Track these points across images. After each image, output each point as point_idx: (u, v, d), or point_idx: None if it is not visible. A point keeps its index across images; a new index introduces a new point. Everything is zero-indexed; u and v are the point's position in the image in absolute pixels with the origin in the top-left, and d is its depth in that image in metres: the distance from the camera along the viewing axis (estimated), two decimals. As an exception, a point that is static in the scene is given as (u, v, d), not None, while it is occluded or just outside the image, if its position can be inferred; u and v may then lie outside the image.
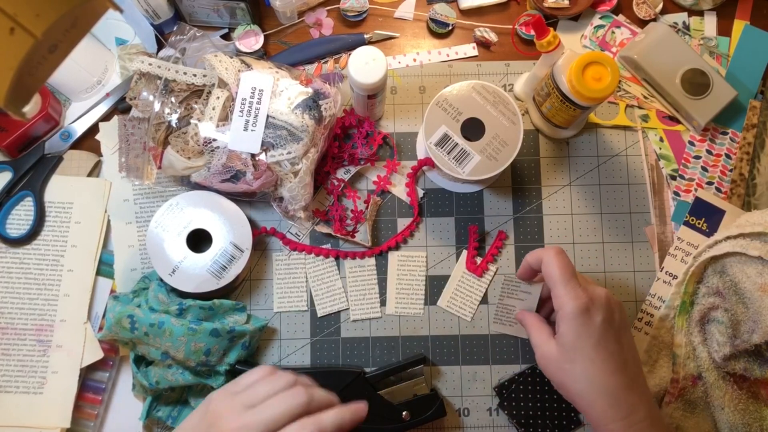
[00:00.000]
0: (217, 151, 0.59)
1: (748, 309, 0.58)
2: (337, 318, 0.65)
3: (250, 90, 0.59)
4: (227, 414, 0.48)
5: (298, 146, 0.59)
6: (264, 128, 0.59)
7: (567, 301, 0.51)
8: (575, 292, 0.51)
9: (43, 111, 0.64)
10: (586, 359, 0.50)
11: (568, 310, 0.51)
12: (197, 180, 0.61)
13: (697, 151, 0.68)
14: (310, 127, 0.58)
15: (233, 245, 0.61)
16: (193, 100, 0.60)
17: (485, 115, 0.59)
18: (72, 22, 0.40)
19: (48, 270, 0.64)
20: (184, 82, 0.60)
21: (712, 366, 0.61)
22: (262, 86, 0.59)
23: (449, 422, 0.64)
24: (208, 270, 0.61)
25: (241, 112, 0.58)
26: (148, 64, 0.60)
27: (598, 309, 0.51)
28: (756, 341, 0.57)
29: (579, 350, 0.51)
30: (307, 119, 0.58)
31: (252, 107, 0.59)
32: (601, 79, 0.56)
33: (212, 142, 0.59)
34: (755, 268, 0.58)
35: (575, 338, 0.51)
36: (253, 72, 0.60)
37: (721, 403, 0.60)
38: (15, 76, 0.37)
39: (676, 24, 0.70)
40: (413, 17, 0.71)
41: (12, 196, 0.65)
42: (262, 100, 0.59)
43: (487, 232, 0.66)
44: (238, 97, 0.59)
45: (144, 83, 0.60)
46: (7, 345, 0.63)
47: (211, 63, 0.60)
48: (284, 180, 0.60)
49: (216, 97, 0.59)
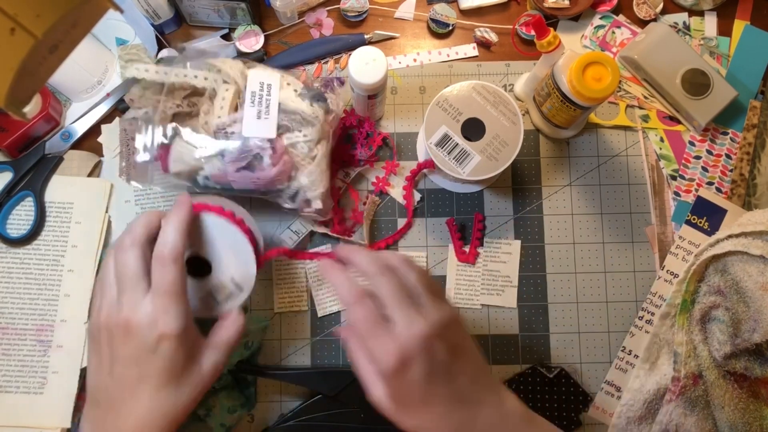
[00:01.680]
0: (232, 137, 0.57)
1: (749, 308, 0.58)
2: (337, 318, 0.65)
3: (259, 84, 0.58)
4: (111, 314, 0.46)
5: (312, 130, 0.57)
6: (277, 114, 0.57)
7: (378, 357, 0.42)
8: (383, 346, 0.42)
9: (44, 111, 0.64)
10: (416, 417, 0.44)
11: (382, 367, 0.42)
12: (211, 172, 0.57)
13: (698, 151, 0.68)
14: (320, 116, 0.58)
15: (234, 282, 0.53)
16: (195, 98, 0.59)
17: (485, 115, 0.59)
18: (72, 23, 0.40)
19: (48, 270, 0.64)
20: (185, 84, 0.58)
21: (713, 365, 0.61)
22: (270, 81, 0.58)
23: (449, 422, 0.64)
24: (201, 299, 0.53)
25: (252, 103, 0.57)
26: (144, 70, 0.58)
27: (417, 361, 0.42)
28: (757, 340, 0.57)
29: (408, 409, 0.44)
30: (317, 108, 0.58)
31: (263, 99, 0.57)
32: (601, 79, 0.56)
33: (227, 128, 0.57)
34: (757, 267, 0.58)
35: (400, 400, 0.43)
36: (259, 68, 0.59)
37: (722, 401, 0.60)
38: (15, 76, 0.37)
39: (677, 24, 0.70)
40: (413, 17, 0.71)
41: (12, 196, 0.65)
42: (272, 92, 0.58)
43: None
44: (247, 91, 0.57)
45: (142, 91, 0.59)
46: (8, 345, 0.63)
47: (215, 65, 0.59)
48: (300, 168, 0.58)
49: (225, 90, 0.58)
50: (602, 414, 0.64)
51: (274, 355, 0.65)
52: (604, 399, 0.64)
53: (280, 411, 0.64)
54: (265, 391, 0.64)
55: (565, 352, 0.65)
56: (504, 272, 0.66)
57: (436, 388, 0.43)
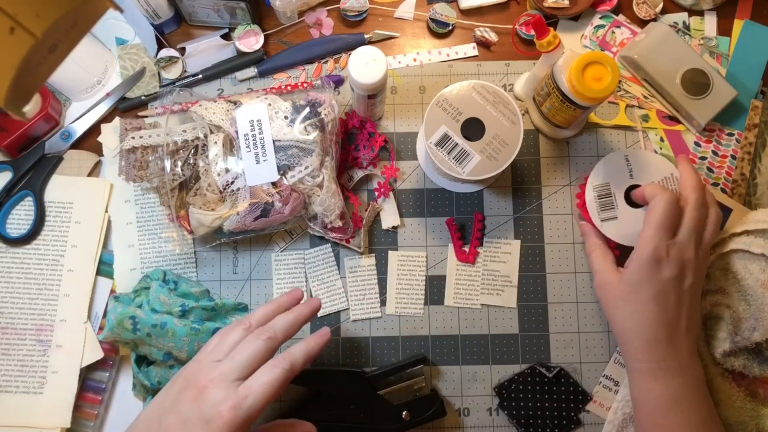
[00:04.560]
0: (240, 192, 0.59)
1: (750, 306, 0.59)
2: (337, 318, 0.65)
3: (249, 123, 0.59)
4: (201, 372, 0.48)
5: (312, 158, 0.59)
6: (274, 154, 0.59)
7: (646, 245, 0.53)
8: (659, 242, 0.53)
9: (43, 111, 0.64)
10: (640, 304, 0.54)
11: (642, 253, 0.53)
12: (230, 228, 0.60)
13: (703, 152, 0.68)
14: (316, 137, 0.59)
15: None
16: (190, 158, 0.61)
17: (485, 115, 0.59)
18: (72, 22, 0.40)
19: (48, 270, 0.64)
20: (179, 141, 0.61)
21: (712, 362, 0.61)
22: (258, 116, 0.60)
23: (449, 422, 0.64)
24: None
25: (248, 148, 0.59)
26: (139, 137, 0.62)
27: (671, 264, 0.53)
28: (757, 339, 0.57)
29: (637, 294, 0.54)
30: (311, 130, 0.59)
31: (256, 139, 0.59)
32: (601, 79, 0.56)
33: (231, 185, 0.59)
34: (759, 265, 0.58)
35: (638, 282, 0.54)
36: (245, 106, 0.60)
37: (719, 399, 0.60)
38: (15, 76, 0.37)
39: (677, 24, 0.70)
40: (413, 17, 0.71)
41: (12, 196, 0.65)
42: (263, 129, 0.59)
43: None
44: (239, 135, 0.59)
45: (141, 156, 0.63)
46: (7, 345, 0.63)
47: (198, 113, 0.61)
48: (312, 196, 0.60)
49: (214, 143, 0.60)
50: (599, 408, 0.64)
51: (275, 355, 0.65)
52: (602, 393, 0.64)
53: (280, 411, 0.64)
54: (264, 390, 0.64)
55: (564, 352, 0.65)
56: (504, 272, 0.66)
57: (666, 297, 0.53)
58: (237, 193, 0.59)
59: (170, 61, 0.68)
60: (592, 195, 0.62)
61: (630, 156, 0.62)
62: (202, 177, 0.60)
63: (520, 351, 0.65)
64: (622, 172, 0.62)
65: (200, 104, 0.62)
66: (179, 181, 0.61)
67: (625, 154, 0.62)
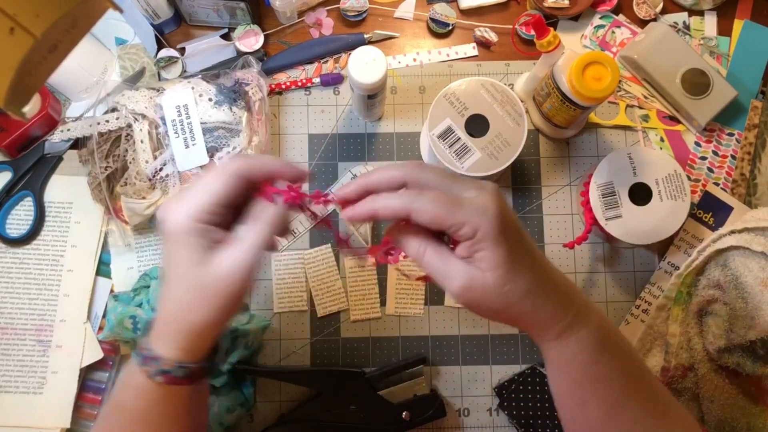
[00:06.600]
0: (170, 178, 0.59)
1: (747, 304, 0.59)
2: (337, 318, 0.65)
3: (176, 109, 0.60)
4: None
5: (239, 138, 0.59)
6: (203, 137, 0.59)
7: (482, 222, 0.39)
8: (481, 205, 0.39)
9: (43, 111, 0.64)
10: (526, 268, 0.41)
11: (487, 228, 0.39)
12: None
13: (704, 152, 0.68)
14: (243, 117, 0.59)
15: None
16: (116, 148, 0.61)
17: (491, 112, 0.59)
18: (72, 22, 0.40)
19: (48, 270, 0.64)
20: (105, 131, 0.61)
21: (706, 358, 0.61)
22: (184, 101, 0.60)
23: (449, 422, 0.64)
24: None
25: (176, 133, 0.59)
26: (67, 130, 0.63)
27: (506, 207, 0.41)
28: (752, 337, 0.57)
29: (516, 263, 0.40)
30: (237, 110, 0.59)
31: (184, 124, 0.60)
32: (601, 79, 0.56)
33: (159, 172, 0.59)
34: (758, 263, 0.58)
35: (509, 252, 0.40)
36: (168, 92, 0.61)
37: (711, 395, 0.60)
38: (15, 76, 0.37)
39: (677, 24, 0.70)
40: (413, 17, 0.71)
41: (12, 196, 0.65)
42: (190, 114, 0.60)
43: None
44: (167, 121, 0.60)
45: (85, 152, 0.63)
46: (7, 345, 0.63)
47: (120, 102, 0.61)
48: None
49: (139, 130, 0.60)
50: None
51: (274, 355, 0.65)
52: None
53: (280, 411, 0.64)
54: (264, 391, 0.64)
55: (565, 352, 0.65)
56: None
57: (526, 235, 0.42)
58: (166, 179, 0.60)
59: (170, 61, 0.68)
60: (597, 194, 0.62)
61: (633, 154, 0.62)
62: (130, 166, 0.60)
63: (520, 351, 0.65)
64: (626, 170, 0.62)
65: (123, 94, 0.62)
66: (106, 174, 0.61)
67: (628, 152, 0.62)
